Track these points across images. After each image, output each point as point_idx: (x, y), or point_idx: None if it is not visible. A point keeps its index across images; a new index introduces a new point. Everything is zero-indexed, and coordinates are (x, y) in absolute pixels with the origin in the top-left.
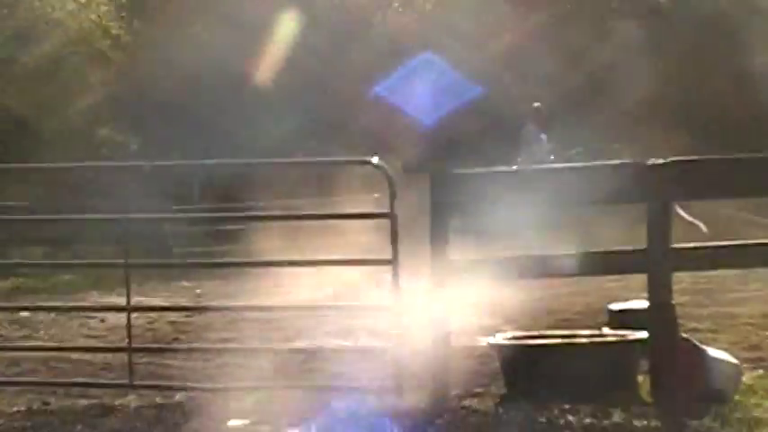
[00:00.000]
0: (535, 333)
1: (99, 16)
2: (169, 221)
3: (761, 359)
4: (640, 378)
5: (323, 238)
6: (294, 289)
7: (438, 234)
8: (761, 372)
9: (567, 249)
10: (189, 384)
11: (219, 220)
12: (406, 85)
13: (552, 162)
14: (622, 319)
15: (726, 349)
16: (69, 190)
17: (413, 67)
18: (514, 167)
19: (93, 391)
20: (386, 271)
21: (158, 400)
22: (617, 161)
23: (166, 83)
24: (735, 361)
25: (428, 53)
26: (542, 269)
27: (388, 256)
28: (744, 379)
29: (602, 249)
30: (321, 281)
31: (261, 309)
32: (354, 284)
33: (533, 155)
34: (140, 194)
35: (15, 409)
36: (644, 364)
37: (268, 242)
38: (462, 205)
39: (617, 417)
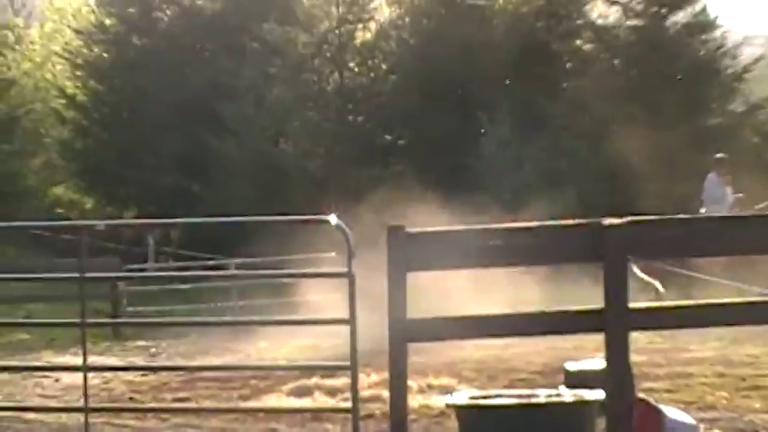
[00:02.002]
0: (492, 392)
1: (54, 75)
2: (124, 280)
3: (716, 419)
4: None
5: (283, 295)
6: (250, 348)
7: (395, 292)
8: None
9: (526, 308)
10: None
11: (175, 279)
12: None
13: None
14: (579, 379)
15: (682, 409)
16: (22, 248)
17: None
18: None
19: None
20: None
21: None
22: (573, 221)
23: (123, 141)
24: (691, 421)
25: None
26: (500, 328)
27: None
28: None
29: (558, 309)
30: (278, 339)
31: (216, 368)
32: (312, 344)
33: (713, 207)
34: (95, 253)
35: None
36: (601, 424)
37: (226, 300)
38: (419, 264)
39: None
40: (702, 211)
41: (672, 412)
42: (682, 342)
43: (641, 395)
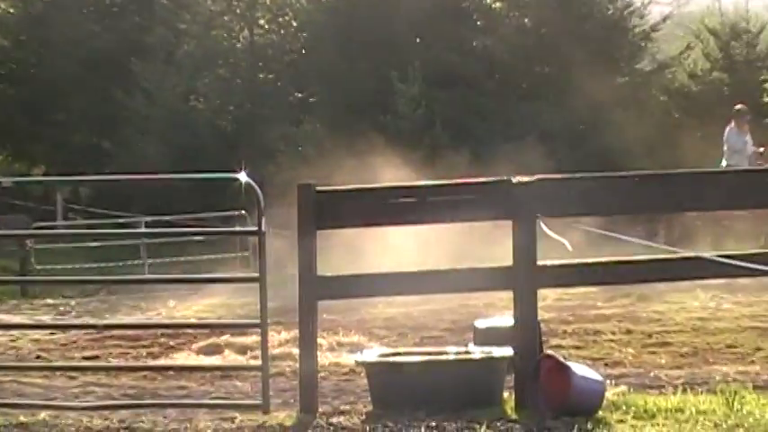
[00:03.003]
0: (402, 350)
1: None
2: (32, 238)
3: (624, 375)
4: (506, 394)
5: (194, 254)
6: (160, 306)
7: (305, 250)
8: (623, 388)
9: (436, 266)
10: (52, 403)
11: (84, 237)
12: None
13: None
14: (488, 336)
15: (589, 365)
16: None
17: None
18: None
19: None
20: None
21: (22, 418)
22: (483, 179)
23: (31, 97)
24: (598, 377)
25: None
26: (409, 285)
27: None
28: (607, 395)
29: (468, 266)
30: (188, 298)
31: (126, 327)
32: (223, 302)
33: (734, 158)
34: (2, 210)
35: None
36: (509, 380)
37: (135, 258)
38: (329, 222)
39: None
40: (723, 162)
41: (579, 368)
42: (590, 299)
43: (549, 352)
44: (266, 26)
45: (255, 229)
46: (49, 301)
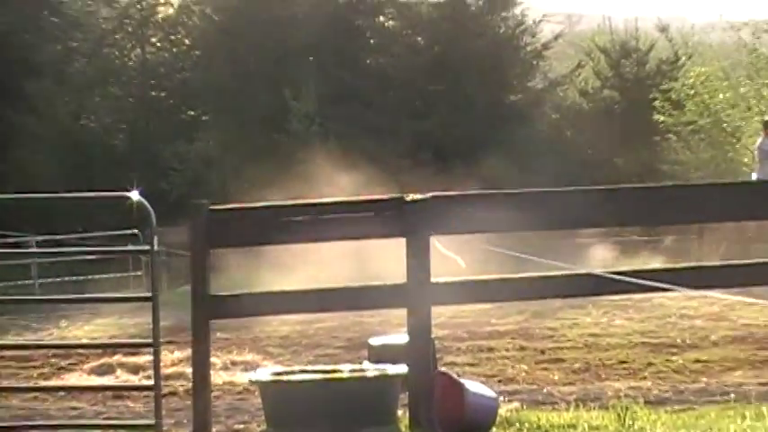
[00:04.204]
0: (296, 368)
1: None
2: None
3: (517, 392)
4: (400, 412)
5: (85, 273)
6: (52, 326)
7: (197, 269)
8: (517, 404)
9: (335, 284)
10: None
11: None
12: None
13: None
14: (383, 354)
15: (483, 382)
16: None
17: None
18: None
19: None
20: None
21: None
22: (376, 196)
23: None
24: (492, 394)
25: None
26: (302, 303)
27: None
28: (500, 412)
29: (361, 284)
30: (80, 317)
31: (16, 347)
32: (116, 322)
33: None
34: None
35: None
36: (404, 398)
37: (25, 278)
38: (223, 240)
39: None
40: (755, 169)
41: (473, 386)
42: (484, 316)
43: (443, 369)
44: (158, 44)
45: (147, 248)
46: None
